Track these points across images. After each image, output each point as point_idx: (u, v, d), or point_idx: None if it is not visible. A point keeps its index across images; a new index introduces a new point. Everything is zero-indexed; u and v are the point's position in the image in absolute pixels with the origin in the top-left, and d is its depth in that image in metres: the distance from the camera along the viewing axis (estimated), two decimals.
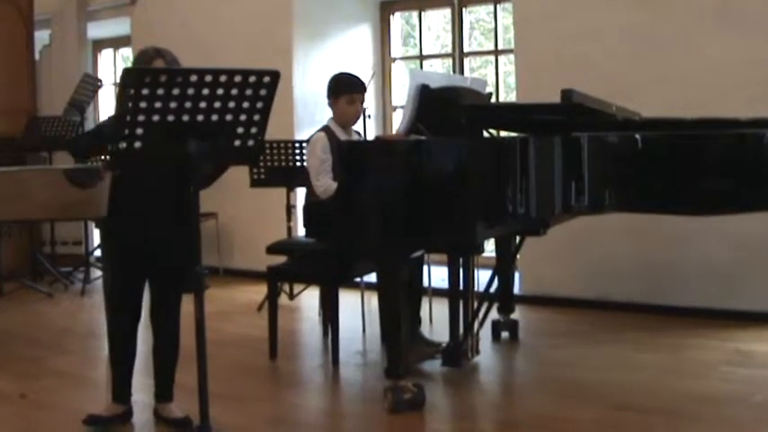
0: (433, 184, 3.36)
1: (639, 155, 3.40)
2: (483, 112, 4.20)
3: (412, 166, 3.42)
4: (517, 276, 5.40)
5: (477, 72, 7.37)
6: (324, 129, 4.29)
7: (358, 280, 4.76)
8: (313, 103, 6.43)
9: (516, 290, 5.24)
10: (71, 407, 3.56)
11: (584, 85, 3.58)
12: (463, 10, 6.65)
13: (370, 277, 4.41)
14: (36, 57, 7.66)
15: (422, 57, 7.01)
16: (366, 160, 3.55)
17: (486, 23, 7.48)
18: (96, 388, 3.81)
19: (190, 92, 2.48)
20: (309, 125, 5.77)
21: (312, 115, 6.33)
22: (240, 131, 2.62)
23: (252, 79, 2.55)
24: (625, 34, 5.15)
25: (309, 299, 5.71)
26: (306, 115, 6.46)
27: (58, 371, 4.23)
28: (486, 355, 4.31)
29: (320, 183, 4.10)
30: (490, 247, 4.97)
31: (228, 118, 2.58)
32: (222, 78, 2.51)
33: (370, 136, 4.81)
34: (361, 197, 3.47)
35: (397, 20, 7.15)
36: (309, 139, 4.37)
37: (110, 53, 8.60)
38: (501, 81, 6.71)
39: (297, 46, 6.56)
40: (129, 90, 2.42)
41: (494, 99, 5.31)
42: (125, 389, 3.36)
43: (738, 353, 4.26)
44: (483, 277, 4.32)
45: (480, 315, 4.13)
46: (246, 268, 6.54)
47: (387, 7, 7.07)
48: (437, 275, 4.92)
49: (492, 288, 4.21)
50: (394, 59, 7.11)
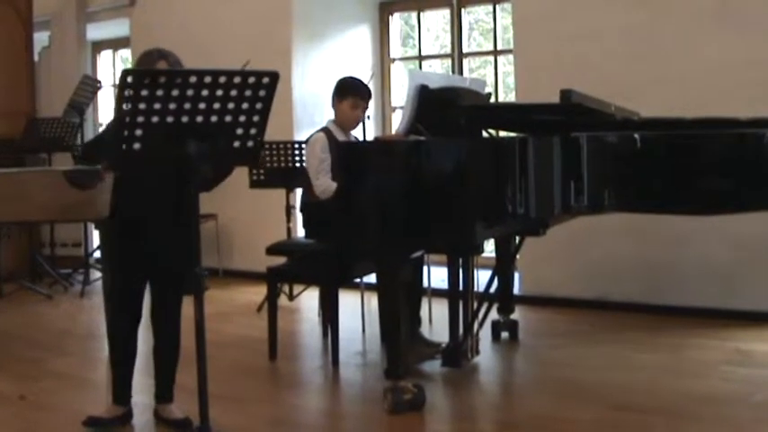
0: (432, 184, 3.36)
1: (639, 155, 3.39)
2: (482, 112, 4.19)
3: (411, 166, 3.42)
4: (517, 277, 5.40)
5: (477, 72, 7.37)
6: (323, 129, 4.30)
7: (358, 280, 4.76)
8: (312, 104, 6.44)
9: (516, 290, 5.23)
10: (71, 408, 3.56)
11: (584, 85, 3.58)
12: (462, 10, 6.65)
13: (370, 278, 4.41)
14: (35, 58, 7.65)
15: (421, 57, 7.01)
16: (365, 161, 3.56)
17: (486, 24, 7.47)
18: (96, 389, 3.81)
19: (189, 93, 2.48)
20: (308, 126, 5.77)
21: (311, 116, 6.34)
22: (239, 132, 2.62)
23: (251, 80, 2.55)
24: (624, 34, 5.16)
25: (309, 300, 5.71)
26: (305, 116, 6.46)
27: (57, 372, 4.23)
28: (486, 356, 4.31)
29: (320, 182, 4.10)
30: (490, 248, 4.96)
31: (228, 119, 2.58)
32: (221, 79, 2.51)
33: (370, 137, 4.81)
34: (361, 198, 3.47)
35: (396, 20, 7.15)
36: (308, 140, 4.38)
37: (109, 54, 8.60)
38: (500, 81, 6.71)
39: (296, 47, 6.56)
40: (128, 91, 2.42)
41: (493, 99, 5.31)
42: (125, 390, 3.36)
43: (738, 352, 4.26)
44: (483, 277, 4.31)
45: (480, 315, 4.13)
46: (246, 269, 6.53)
47: (386, 8, 7.07)
48: (437, 276, 4.91)
49: (492, 288, 4.21)
50: (393, 60, 7.11)
